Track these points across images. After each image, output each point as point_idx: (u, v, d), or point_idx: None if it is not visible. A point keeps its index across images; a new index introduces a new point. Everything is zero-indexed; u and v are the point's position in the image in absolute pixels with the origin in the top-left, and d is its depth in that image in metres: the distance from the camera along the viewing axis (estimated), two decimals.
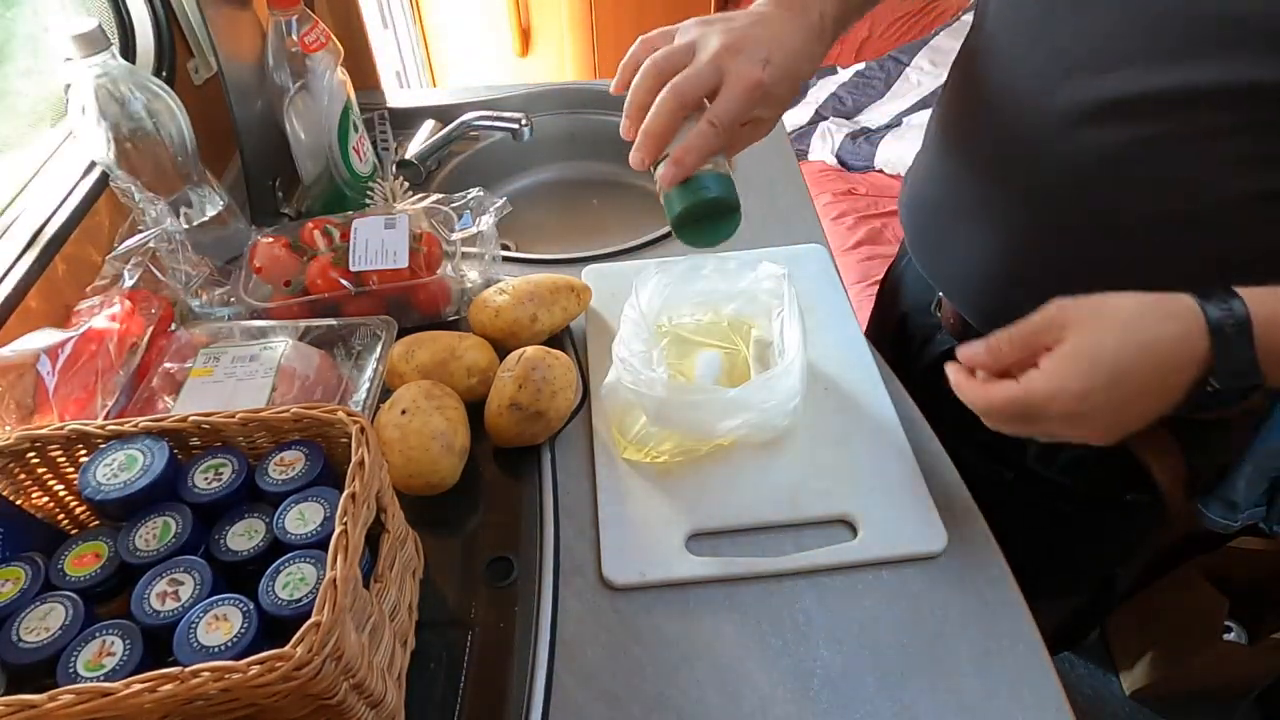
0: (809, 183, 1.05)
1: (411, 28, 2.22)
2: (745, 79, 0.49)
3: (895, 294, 0.84)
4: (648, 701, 0.52)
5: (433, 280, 0.74)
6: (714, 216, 0.51)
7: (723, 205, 0.50)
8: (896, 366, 0.73)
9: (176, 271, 0.72)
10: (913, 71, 2.15)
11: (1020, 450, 0.70)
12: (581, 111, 1.17)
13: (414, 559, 0.55)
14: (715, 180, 0.50)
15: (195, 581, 0.41)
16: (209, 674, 0.34)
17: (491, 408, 0.65)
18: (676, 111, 0.49)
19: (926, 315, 0.76)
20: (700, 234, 0.52)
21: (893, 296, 0.85)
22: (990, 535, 0.60)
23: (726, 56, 0.49)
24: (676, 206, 0.50)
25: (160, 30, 0.85)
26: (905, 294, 0.82)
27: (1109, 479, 0.68)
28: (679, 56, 0.50)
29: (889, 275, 0.90)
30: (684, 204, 0.50)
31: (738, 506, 0.61)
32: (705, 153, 0.49)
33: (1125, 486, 0.68)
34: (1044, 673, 0.52)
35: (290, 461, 0.48)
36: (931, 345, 0.76)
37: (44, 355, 0.60)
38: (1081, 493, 0.70)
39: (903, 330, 0.81)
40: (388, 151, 1.04)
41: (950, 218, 0.65)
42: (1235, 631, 1.28)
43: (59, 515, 0.50)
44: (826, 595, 0.56)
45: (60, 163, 0.77)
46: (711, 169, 0.50)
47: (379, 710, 0.44)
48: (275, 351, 0.63)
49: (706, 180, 0.50)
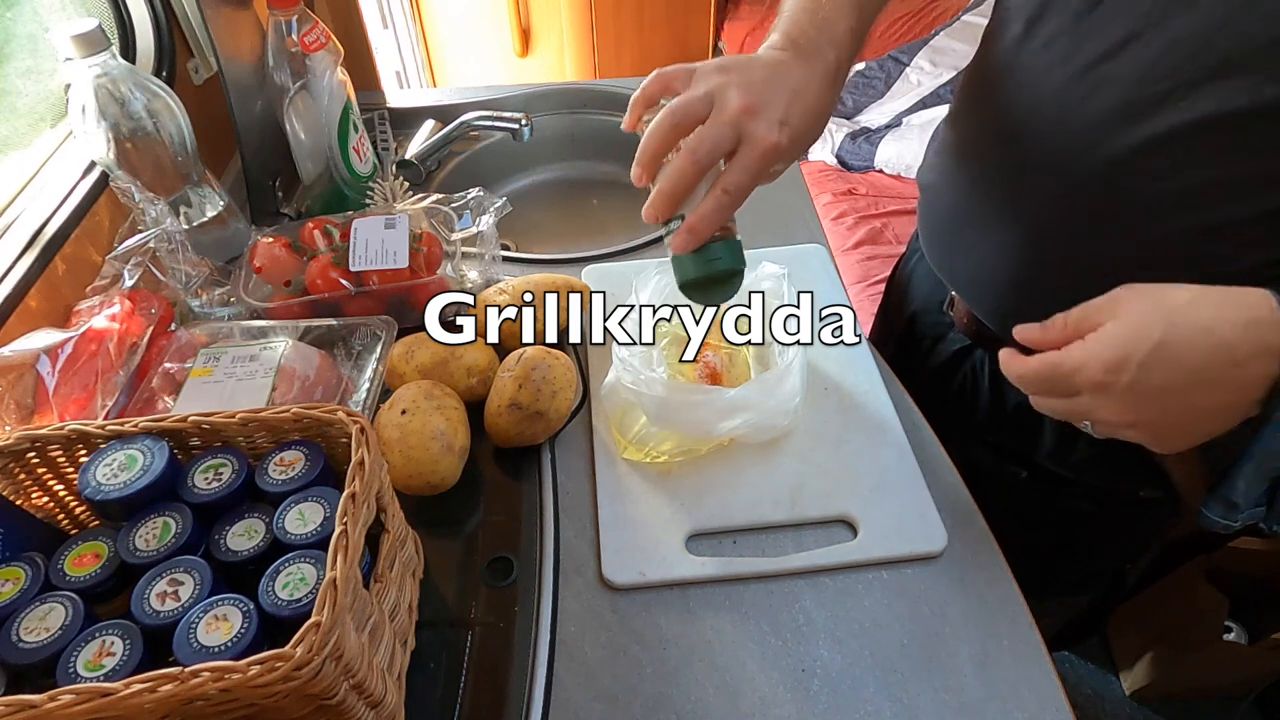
0: (809, 183, 1.06)
1: (411, 28, 2.22)
2: (762, 144, 0.48)
3: (903, 294, 0.84)
4: (648, 701, 0.52)
5: (433, 280, 0.74)
6: (721, 280, 0.53)
7: (731, 274, 0.52)
8: (904, 366, 0.73)
9: (176, 271, 0.72)
10: (913, 71, 2.15)
11: (1033, 448, 0.70)
12: (581, 111, 1.17)
13: (414, 559, 0.55)
14: (725, 249, 0.51)
15: (195, 581, 0.41)
16: (209, 674, 0.34)
17: (491, 408, 0.65)
18: (694, 176, 0.49)
19: (938, 314, 0.76)
20: (707, 295, 0.55)
21: (900, 296, 0.85)
22: (990, 535, 0.60)
23: (745, 118, 0.48)
24: (688, 274, 0.52)
25: (160, 30, 0.85)
26: (914, 293, 0.82)
27: (1124, 476, 0.68)
28: (697, 107, 0.49)
29: (895, 275, 0.89)
30: (696, 274, 0.52)
31: (738, 506, 0.61)
32: (720, 220, 0.50)
33: (1140, 483, 0.68)
34: (1044, 673, 0.52)
35: (290, 461, 0.48)
36: (943, 345, 0.76)
37: (44, 355, 0.60)
38: (1095, 490, 0.70)
39: (911, 330, 0.81)
40: (388, 151, 1.04)
41: (967, 219, 0.65)
42: (1235, 631, 1.28)
43: (59, 515, 0.50)
44: (826, 595, 0.56)
45: (60, 163, 0.77)
46: (720, 235, 0.51)
47: (379, 710, 0.44)
48: (275, 351, 0.63)
49: (717, 250, 0.51)
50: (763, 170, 0.49)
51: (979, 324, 0.69)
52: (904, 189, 1.88)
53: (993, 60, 0.60)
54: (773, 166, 0.50)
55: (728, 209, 0.49)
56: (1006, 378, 0.49)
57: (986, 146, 0.62)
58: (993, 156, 0.61)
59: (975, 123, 0.64)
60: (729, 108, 0.48)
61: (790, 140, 0.49)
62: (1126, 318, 0.43)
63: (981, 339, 0.71)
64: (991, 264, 0.63)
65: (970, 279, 0.67)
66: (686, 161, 0.48)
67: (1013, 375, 0.49)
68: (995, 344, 0.69)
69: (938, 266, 0.72)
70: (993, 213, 0.61)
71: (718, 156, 0.49)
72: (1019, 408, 0.70)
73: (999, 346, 0.67)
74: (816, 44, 0.52)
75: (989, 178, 0.62)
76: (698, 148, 0.48)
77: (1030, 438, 0.70)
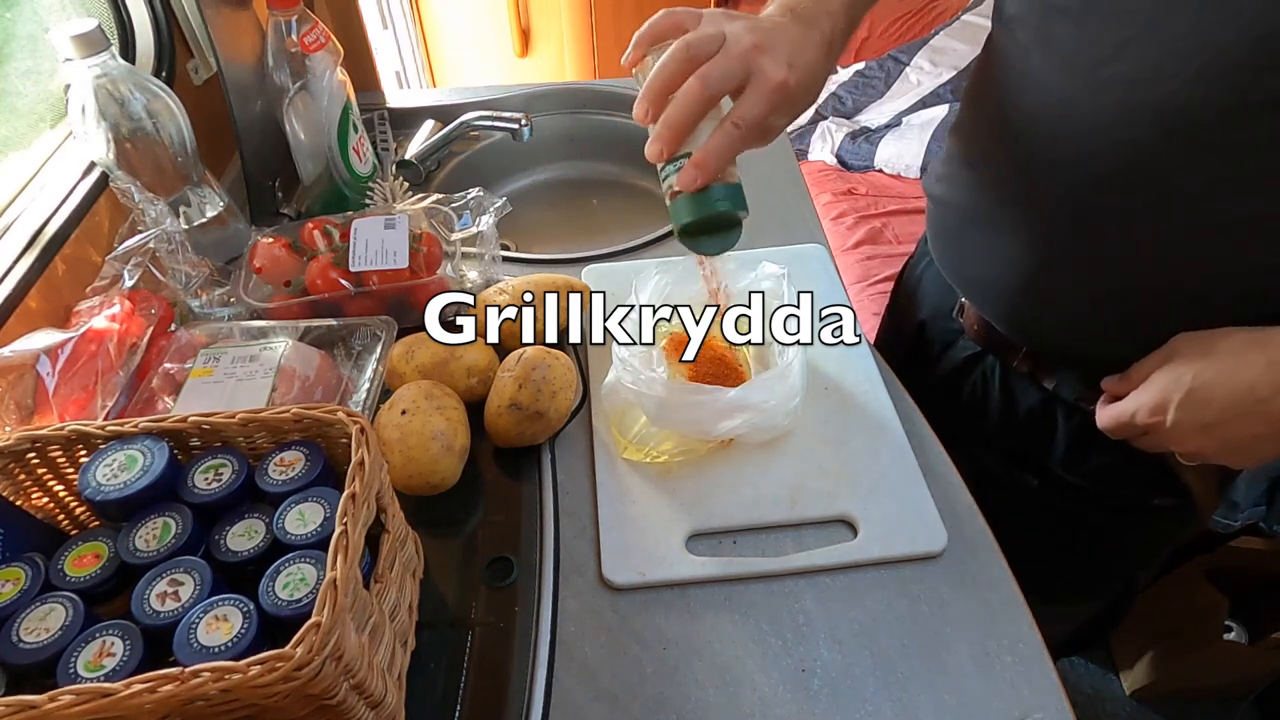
0: (809, 182, 1.06)
1: (411, 28, 2.22)
2: (772, 79, 0.48)
3: (911, 300, 0.83)
4: (648, 701, 0.52)
5: (433, 280, 0.74)
6: (720, 226, 0.51)
7: (732, 218, 0.51)
8: (914, 373, 0.73)
9: (176, 272, 0.72)
10: (912, 71, 2.14)
11: (1046, 455, 0.70)
12: (581, 111, 1.17)
13: (414, 559, 0.55)
14: (726, 191, 0.49)
15: (195, 582, 0.41)
16: (209, 674, 0.34)
17: (491, 408, 0.65)
18: (704, 103, 0.48)
19: (948, 320, 0.76)
20: (706, 242, 0.52)
21: (908, 302, 0.84)
22: (990, 535, 0.60)
23: (755, 54, 0.48)
24: (686, 216, 0.50)
25: (160, 30, 0.85)
26: (923, 300, 0.81)
27: (1137, 484, 0.68)
28: (709, 44, 0.48)
29: (902, 280, 0.89)
30: (695, 215, 0.49)
31: (738, 506, 0.61)
32: (728, 156, 0.49)
33: (1153, 491, 0.68)
34: (1044, 673, 0.52)
35: (290, 462, 0.48)
36: (953, 351, 0.76)
37: (44, 356, 0.60)
38: (1108, 498, 0.70)
39: (921, 336, 0.80)
40: (388, 151, 1.04)
41: (978, 226, 0.65)
42: (1235, 631, 1.28)
43: (59, 516, 0.50)
44: (826, 595, 0.56)
45: (60, 163, 0.77)
46: (721, 177, 0.50)
47: (379, 710, 0.44)
48: (275, 352, 0.63)
49: (718, 191, 0.49)
50: (770, 108, 0.49)
51: (990, 330, 0.68)
52: (904, 189, 1.88)
53: (996, 68, 0.60)
54: (777, 109, 0.50)
55: (737, 143, 0.48)
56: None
57: (995, 154, 0.61)
58: (1002, 163, 0.61)
59: (982, 131, 0.63)
60: (740, 44, 0.48)
61: (796, 83, 0.49)
62: (1168, 368, 0.53)
63: (992, 345, 0.71)
64: (1003, 270, 0.62)
65: (982, 285, 0.67)
66: (696, 87, 0.47)
67: (1099, 426, 0.59)
68: (1007, 350, 0.69)
69: (949, 273, 0.71)
70: (1004, 219, 0.61)
71: (727, 88, 0.48)
72: (1031, 414, 0.69)
73: (1010, 352, 0.68)
74: (813, 14, 0.53)
75: (999, 184, 0.61)
76: (708, 74, 0.47)
77: (1043, 445, 0.70)
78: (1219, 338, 0.51)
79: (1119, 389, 0.57)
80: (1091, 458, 0.67)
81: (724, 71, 0.47)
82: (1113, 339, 0.59)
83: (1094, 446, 0.65)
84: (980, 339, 0.72)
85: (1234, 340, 0.51)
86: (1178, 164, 0.49)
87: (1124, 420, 0.55)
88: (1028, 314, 0.63)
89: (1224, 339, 0.51)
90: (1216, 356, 0.51)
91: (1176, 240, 0.52)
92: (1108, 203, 0.53)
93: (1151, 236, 0.53)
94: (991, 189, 0.62)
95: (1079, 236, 0.56)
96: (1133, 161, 0.51)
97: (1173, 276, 0.53)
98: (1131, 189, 0.52)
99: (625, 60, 0.53)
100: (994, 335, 0.69)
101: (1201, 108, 0.46)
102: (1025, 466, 0.73)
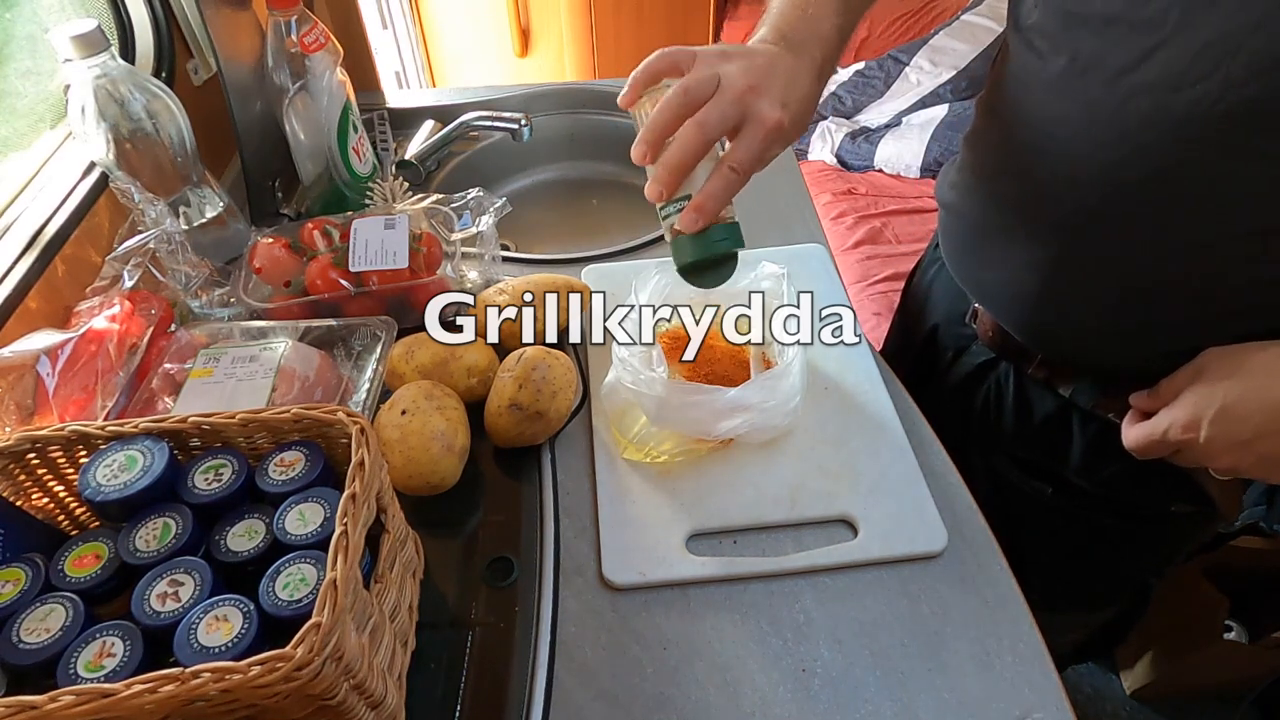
0: (808, 182, 1.06)
1: (411, 28, 2.22)
2: (767, 121, 0.49)
3: (923, 306, 0.82)
4: (648, 701, 0.52)
5: (433, 280, 0.74)
6: (718, 261, 0.54)
7: (731, 256, 0.53)
8: (925, 379, 0.72)
9: (176, 272, 0.72)
10: (912, 71, 2.14)
11: (1062, 463, 0.69)
12: (581, 111, 1.17)
13: (414, 559, 0.55)
14: (725, 231, 0.52)
15: (195, 582, 0.41)
16: (209, 675, 0.34)
17: (491, 408, 0.65)
18: (701, 147, 0.49)
19: (960, 326, 0.75)
20: (705, 278, 0.55)
21: (919, 308, 0.83)
22: (990, 535, 0.60)
23: (750, 97, 0.49)
24: (689, 256, 0.53)
25: (160, 31, 0.85)
26: (935, 306, 0.80)
27: (1155, 491, 0.67)
28: (705, 87, 0.50)
29: (912, 286, 0.88)
30: (698, 256, 0.52)
31: (738, 506, 0.61)
32: (726, 199, 0.50)
33: (1171, 498, 0.67)
34: (1044, 672, 0.52)
35: (290, 462, 0.48)
36: (966, 357, 0.75)
37: (44, 356, 0.60)
38: (1125, 505, 0.69)
39: (933, 343, 0.80)
40: (387, 152, 1.04)
41: (994, 234, 0.64)
42: (1235, 631, 1.28)
43: (59, 516, 0.50)
44: (826, 595, 0.57)
45: (60, 163, 0.77)
46: (720, 217, 0.52)
47: (379, 711, 0.44)
48: (275, 352, 0.63)
49: (718, 232, 0.52)
50: (765, 149, 0.50)
51: (1005, 336, 0.68)
52: (904, 188, 1.88)
53: (1013, 76, 0.59)
54: (772, 148, 0.51)
55: (735, 186, 0.50)
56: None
57: (1012, 164, 0.61)
58: (1020, 173, 0.60)
59: (999, 140, 0.63)
60: (734, 87, 0.49)
61: (790, 122, 0.51)
62: (1200, 384, 0.52)
63: (1006, 351, 0.70)
64: (1020, 277, 0.62)
65: (998, 293, 0.66)
66: (693, 132, 0.49)
67: (1126, 445, 0.57)
68: (1021, 356, 0.68)
69: (963, 281, 0.71)
70: (1021, 227, 0.61)
71: (723, 131, 0.50)
72: (1047, 421, 0.69)
73: (1024, 359, 0.68)
74: (804, 40, 0.54)
75: (1017, 194, 0.61)
76: (705, 120, 0.49)
77: (1059, 452, 0.69)
78: (1249, 353, 0.51)
79: (1148, 405, 0.56)
80: (1109, 465, 0.66)
81: (720, 116, 0.49)
82: (1133, 347, 0.59)
83: (1111, 454, 0.64)
84: (994, 345, 0.71)
85: (1266, 355, 0.50)
86: (1204, 170, 0.48)
87: (1155, 438, 0.55)
88: (1044, 321, 0.63)
89: (1254, 354, 0.51)
90: (1248, 373, 0.50)
91: (1201, 247, 0.51)
92: (1131, 210, 0.53)
93: (1175, 244, 0.52)
94: (1009, 199, 0.62)
95: (1100, 245, 0.55)
96: (1158, 169, 0.50)
97: (1196, 284, 0.53)
98: (1156, 196, 0.51)
99: (621, 100, 0.55)
100: (1008, 341, 0.68)
101: (1230, 113, 0.46)
102: (1040, 474, 0.72)
